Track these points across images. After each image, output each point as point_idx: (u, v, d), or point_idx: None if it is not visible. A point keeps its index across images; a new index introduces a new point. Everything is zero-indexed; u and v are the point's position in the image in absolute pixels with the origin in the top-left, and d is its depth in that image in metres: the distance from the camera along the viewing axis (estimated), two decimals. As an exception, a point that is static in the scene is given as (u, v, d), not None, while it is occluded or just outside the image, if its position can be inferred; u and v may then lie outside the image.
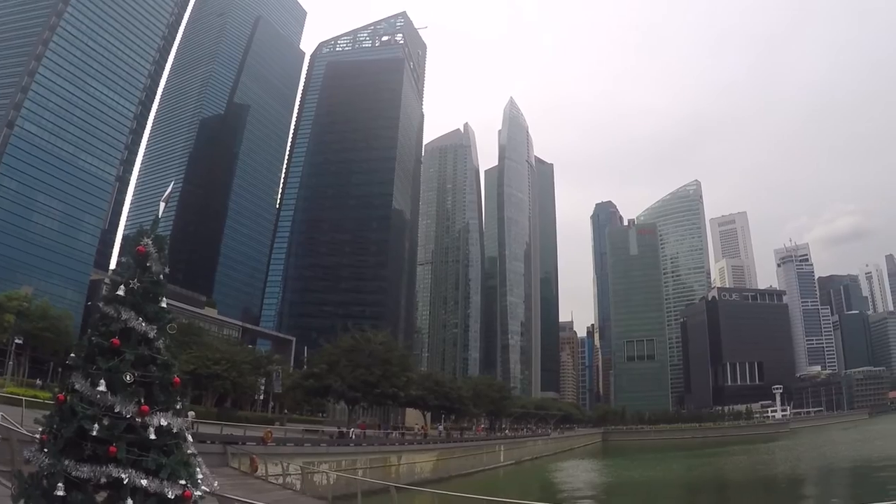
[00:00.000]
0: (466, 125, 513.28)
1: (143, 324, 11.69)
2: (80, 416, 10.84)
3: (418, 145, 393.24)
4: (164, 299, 12.46)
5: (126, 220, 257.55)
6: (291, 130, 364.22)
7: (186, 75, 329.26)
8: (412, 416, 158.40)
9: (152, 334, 11.79)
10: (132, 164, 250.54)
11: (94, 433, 10.70)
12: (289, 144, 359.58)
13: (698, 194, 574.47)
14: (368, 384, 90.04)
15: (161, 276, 12.46)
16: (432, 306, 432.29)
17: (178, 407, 11.86)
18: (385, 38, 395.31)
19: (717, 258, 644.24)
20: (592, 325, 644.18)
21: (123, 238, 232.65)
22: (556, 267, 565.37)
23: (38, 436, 11.69)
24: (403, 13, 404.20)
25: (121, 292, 11.80)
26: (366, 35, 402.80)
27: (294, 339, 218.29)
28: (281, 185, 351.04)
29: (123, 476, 10.55)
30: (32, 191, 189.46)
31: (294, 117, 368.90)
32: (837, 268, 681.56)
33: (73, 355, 11.96)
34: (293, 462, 49.91)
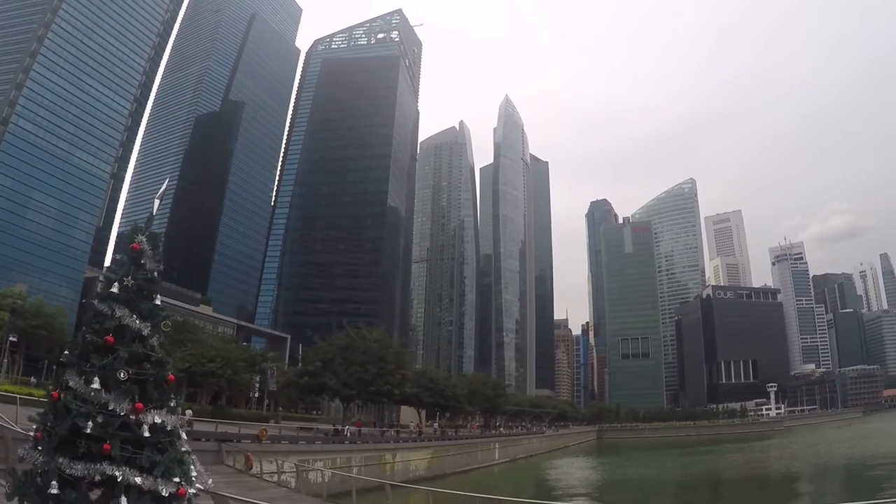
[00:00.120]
0: (462, 123, 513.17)
1: (138, 321, 11.67)
2: (74, 414, 10.83)
3: (413, 143, 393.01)
4: (158, 297, 12.45)
5: (121, 218, 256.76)
6: (287, 128, 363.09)
7: (181, 72, 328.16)
8: (407, 413, 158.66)
9: (146, 332, 11.77)
10: (127, 162, 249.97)
11: (88, 431, 10.70)
12: (284, 142, 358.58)
13: (693, 192, 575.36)
14: (363, 382, 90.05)
15: (155, 273, 12.43)
16: (427, 304, 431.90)
17: (172, 404, 11.85)
18: (381, 36, 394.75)
19: (711, 256, 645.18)
20: (587, 322, 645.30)
21: (118, 235, 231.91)
22: (551, 265, 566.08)
23: (33, 433, 11.68)
24: (399, 11, 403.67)
25: (115, 290, 11.78)
26: (361, 32, 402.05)
27: (289, 336, 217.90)
28: (276, 182, 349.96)
29: (117, 474, 10.55)
30: (27, 188, 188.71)
31: (289, 115, 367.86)
32: (832, 266, 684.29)
33: (66, 353, 11.94)
34: (288, 460, 49.91)
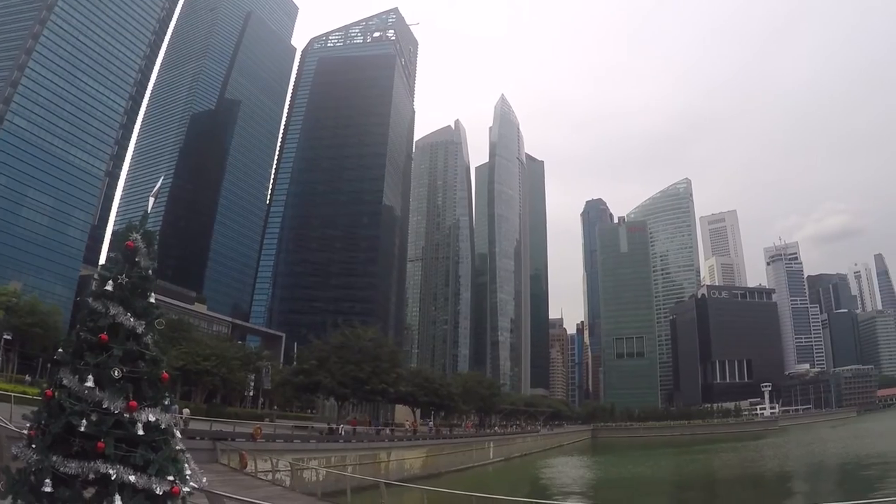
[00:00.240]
0: (457, 122, 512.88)
1: (132, 319, 11.66)
2: (68, 412, 10.82)
3: (409, 142, 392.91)
4: (152, 295, 12.43)
5: (116, 216, 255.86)
6: (282, 126, 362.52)
7: (177, 70, 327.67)
8: (402, 412, 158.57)
9: (140, 330, 11.76)
10: (122, 160, 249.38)
11: (82, 429, 10.69)
12: (279, 140, 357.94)
13: (688, 192, 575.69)
14: (358, 380, 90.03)
15: (150, 271, 12.42)
16: (422, 303, 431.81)
17: (166, 403, 11.84)
18: (377, 35, 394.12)
19: (706, 256, 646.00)
20: (582, 322, 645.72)
21: (113, 233, 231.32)
22: (546, 264, 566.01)
23: (27, 432, 11.66)
24: (395, 9, 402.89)
25: (109, 288, 11.76)
26: (357, 31, 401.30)
27: (284, 335, 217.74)
28: (271, 180, 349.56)
29: (111, 472, 10.54)
30: (22, 186, 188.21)
31: (285, 113, 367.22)
32: (827, 267, 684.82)
33: (60, 351, 11.92)
34: (283, 458, 49.97)
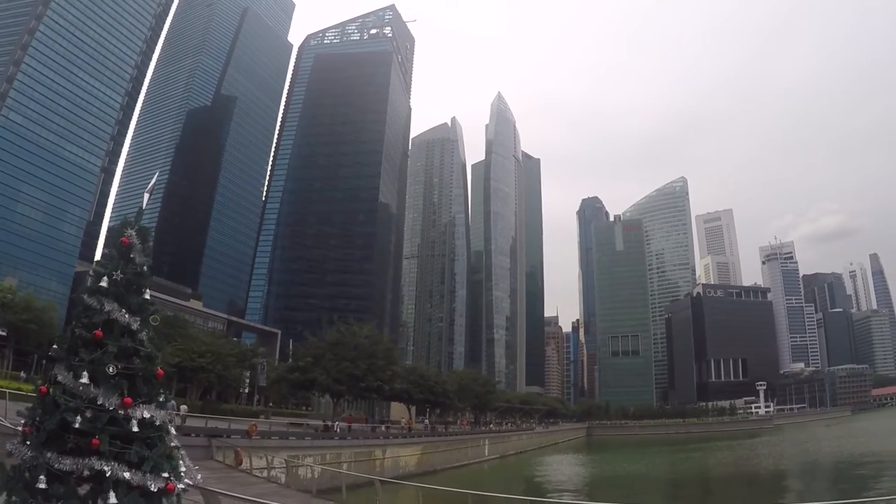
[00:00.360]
0: (454, 119, 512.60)
1: (127, 315, 11.62)
2: (62, 409, 10.79)
3: (405, 139, 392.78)
4: (147, 291, 12.39)
5: (111, 212, 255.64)
6: (278, 123, 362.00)
7: (173, 66, 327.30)
8: (397, 409, 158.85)
9: (135, 326, 11.72)
10: (118, 155, 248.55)
11: (77, 425, 10.65)
12: (276, 137, 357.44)
13: (684, 191, 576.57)
14: (353, 377, 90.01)
15: (145, 267, 12.37)
16: (418, 300, 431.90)
17: (161, 399, 11.80)
18: (373, 31, 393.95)
19: (702, 255, 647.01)
20: (578, 320, 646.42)
21: (108, 229, 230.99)
22: (542, 262, 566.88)
23: (21, 428, 11.63)
24: (392, 6, 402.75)
25: (104, 284, 11.72)
26: (354, 28, 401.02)
27: (279, 332, 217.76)
28: (267, 177, 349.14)
29: (106, 469, 10.51)
30: (17, 181, 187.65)
31: (281, 110, 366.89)
32: (822, 266, 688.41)
33: (55, 347, 11.89)
34: (278, 455, 49.93)
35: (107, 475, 10.50)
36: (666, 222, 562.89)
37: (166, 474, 11.17)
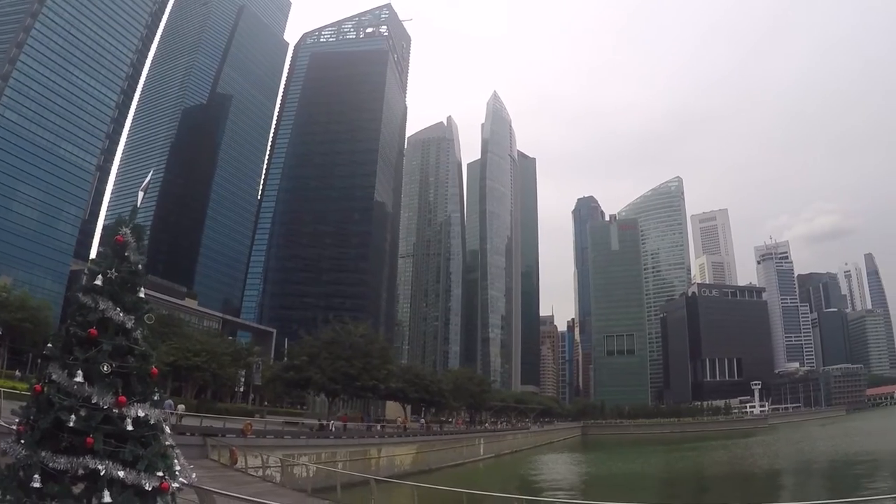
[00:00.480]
0: (449, 118, 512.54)
1: (121, 314, 11.60)
2: (56, 407, 10.77)
3: (401, 138, 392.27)
4: (142, 289, 12.36)
5: (107, 210, 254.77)
6: (274, 121, 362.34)
7: (169, 64, 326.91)
8: (392, 408, 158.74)
9: (130, 324, 11.69)
10: (113, 154, 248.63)
11: (71, 424, 10.63)
12: (271, 135, 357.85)
13: (680, 191, 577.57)
14: (349, 376, 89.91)
15: (139, 265, 12.35)
16: (413, 299, 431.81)
17: (155, 398, 11.79)
18: (369, 30, 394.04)
19: (697, 254, 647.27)
20: (573, 319, 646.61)
21: (104, 228, 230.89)
22: (538, 261, 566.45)
23: (15, 427, 11.60)
24: (388, 5, 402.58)
25: (99, 282, 11.70)
26: (350, 26, 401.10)
27: (274, 330, 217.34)
28: (263, 175, 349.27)
29: (100, 467, 10.49)
30: (12, 180, 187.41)
31: (277, 108, 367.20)
32: (817, 266, 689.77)
33: (50, 345, 11.86)
34: (273, 454, 49.85)
35: (101, 474, 10.48)
36: (661, 222, 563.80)
37: (161, 473, 11.15)
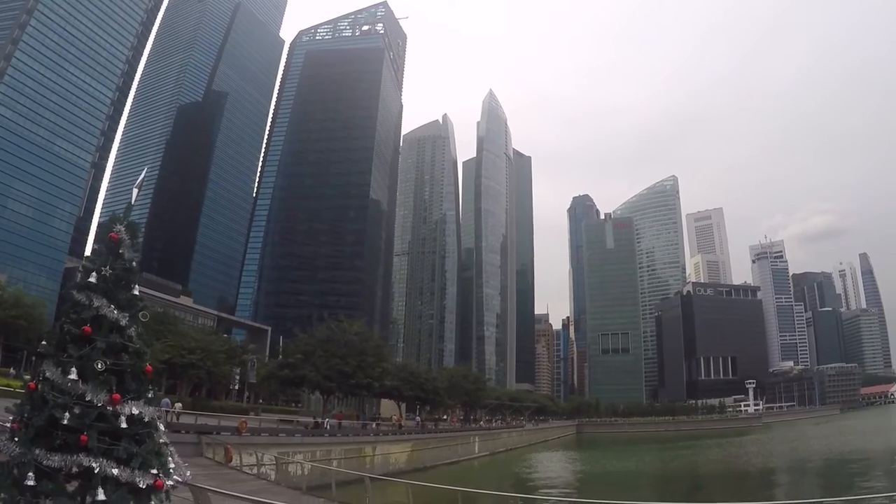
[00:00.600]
0: (445, 116, 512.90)
1: (115, 311, 11.57)
2: (51, 405, 10.74)
3: (396, 136, 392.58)
4: (136, 287, 12.34)
5: (101, 208, 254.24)
6: (269, 119, 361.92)
7: (164, 61, 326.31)
8: (387, 406, 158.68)
9: (124, 322, 11.67)
10: (108, 151, 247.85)
11: (65, 422, 10.61)
12: (267, 133, 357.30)
13: (675, 189, 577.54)
14: (343, 374, 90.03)
15: (133, 263, 12.33)
16: (408, 297, 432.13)
17: (149, 396, 11.77)
18: (365, 28, 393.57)
19: (692, 253, 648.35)
20: (568, 317, 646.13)
21: (98, 225, 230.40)
22: (533, 259, 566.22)
23: (9, 424, 11.58)
24: (384, 3, 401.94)
25: (93, 279, 11.68)
26: (346, 24, 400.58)
27: (269, 328, 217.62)
28: (258, 173, 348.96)
29: (94, 465, 10.47)
30: (7, 176, 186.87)
31: (272, 106, 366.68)
32: (812, 265, 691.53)
33: (44, 343, 11.84)
34: (268, 452, 49.79)
35: (95, 472, 10.46)
36: (656, 221, 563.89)
37: (155, 471, 11.13)
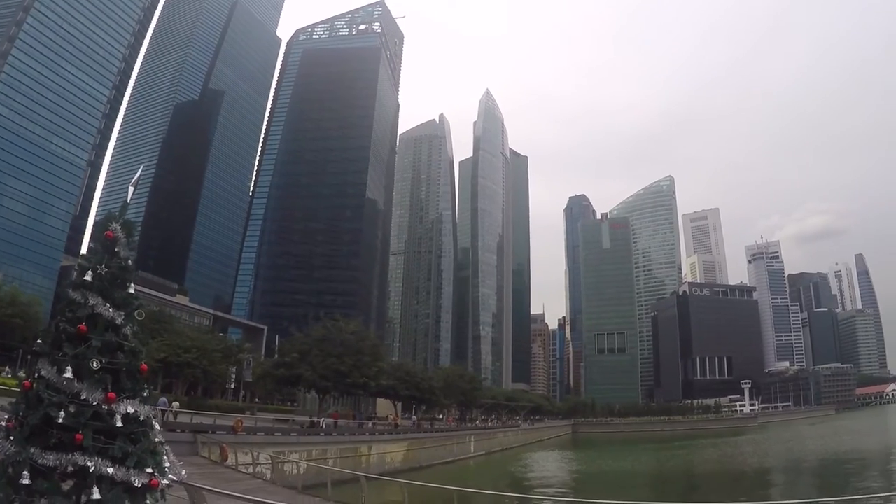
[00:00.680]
0: (442, 116, 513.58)
1: (111, 310, 11.52)
2: (46, 404, 10.70)
3: (393, 135, 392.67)
4: (132, 285, 12.30)
5: (98, 206, 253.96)
6: (266, 118, 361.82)
7: (161, 60, 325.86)
8: (383, 406, 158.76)
9: (120, 320, 11.62)
10: (105, 149, 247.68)
11: (61, 420, 10.57)
12: (263, 132, 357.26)
13: (671, 190, 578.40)
14: (339, 374, 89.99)
15: (129, 261, 12.29)
16: (404, 296, 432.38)
17: (145, 394, 11.74)
18: (362, 27, 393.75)
19: (688, 253, 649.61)
20: (564, 317, 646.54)
21: (94, 224, 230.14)
22: (529, 259, 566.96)
23: (4, 423, 11.54)
24: (381, 2, 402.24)
25: (88, 278, 11.65)
26: (343, 23, 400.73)
27: (265, 327, 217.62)
28: (254, 172, 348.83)
29: (89, 464, 10.42)
30: (3, 174, 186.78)
31: (269, 104, 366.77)
32: (808, 266, 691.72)
33: (39, 342, 11.80)
34: (263, 451, 49.77)
35: (90, 470, 10.42)
36: (653, 221, 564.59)
37: (150, 470, 11.09)
